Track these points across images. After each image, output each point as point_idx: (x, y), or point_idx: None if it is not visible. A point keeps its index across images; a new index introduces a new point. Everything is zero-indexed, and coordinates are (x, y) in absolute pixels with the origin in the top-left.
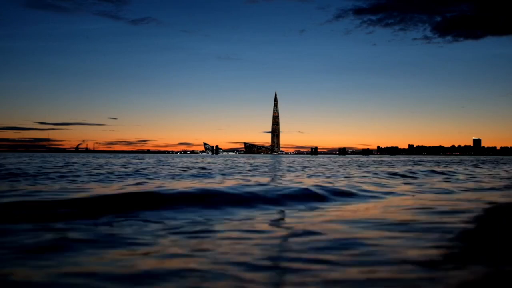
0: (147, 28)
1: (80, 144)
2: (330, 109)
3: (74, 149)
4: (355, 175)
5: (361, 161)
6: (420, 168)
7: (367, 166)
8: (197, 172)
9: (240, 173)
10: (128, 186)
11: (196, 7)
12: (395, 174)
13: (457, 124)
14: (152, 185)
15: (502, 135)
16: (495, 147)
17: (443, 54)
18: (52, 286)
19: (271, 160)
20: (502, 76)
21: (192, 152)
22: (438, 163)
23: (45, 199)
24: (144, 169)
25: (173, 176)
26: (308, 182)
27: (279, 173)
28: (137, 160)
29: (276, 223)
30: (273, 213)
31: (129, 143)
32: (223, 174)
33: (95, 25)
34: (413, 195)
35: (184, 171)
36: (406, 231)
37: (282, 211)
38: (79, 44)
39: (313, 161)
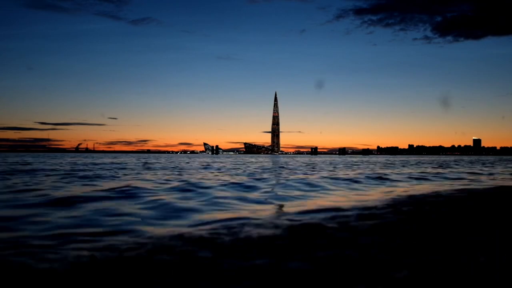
0: (147, 28)
1: (80, 144)
2: (330, 109)
3: (74, 149)
4: None
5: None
6: None
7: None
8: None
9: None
10: None
11: (196, 7)
12: None
13: (457, 124)
14: None
15: (502, 135)
16: (495, 147)
17: (443, 54)
18: None
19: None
20: (502, 76)
21: (192, 152)
22: None
23: None
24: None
25: None
26: None
27: None
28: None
29: None
30: None
31: (129, 143)
32: None
33: (95, 25)
34: None
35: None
36: None
37: None
38: (79, 44)
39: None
